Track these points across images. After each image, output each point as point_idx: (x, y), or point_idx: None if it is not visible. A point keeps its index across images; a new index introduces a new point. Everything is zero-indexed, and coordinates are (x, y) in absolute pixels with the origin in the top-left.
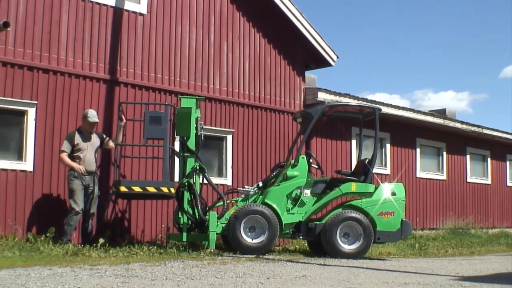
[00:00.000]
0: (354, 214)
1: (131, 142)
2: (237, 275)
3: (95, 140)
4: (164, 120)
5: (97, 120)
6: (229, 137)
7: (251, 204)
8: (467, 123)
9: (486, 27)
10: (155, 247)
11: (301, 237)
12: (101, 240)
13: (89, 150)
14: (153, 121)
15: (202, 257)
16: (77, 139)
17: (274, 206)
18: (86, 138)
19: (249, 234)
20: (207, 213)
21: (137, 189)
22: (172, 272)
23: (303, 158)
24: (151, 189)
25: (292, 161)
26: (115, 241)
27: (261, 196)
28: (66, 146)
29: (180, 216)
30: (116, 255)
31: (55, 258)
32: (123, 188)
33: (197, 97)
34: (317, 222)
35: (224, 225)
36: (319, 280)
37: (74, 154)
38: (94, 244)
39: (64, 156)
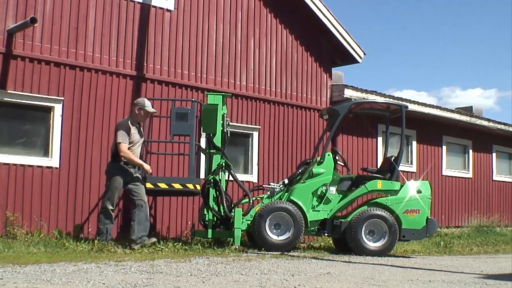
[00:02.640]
0: (379, 211)
1: (157, 139)
2: (261, 271)
3: (142, 132)
4: (191, 116)
5: (155, 110)
6: (255, 134)
7: (276, 201)
8: (493, 121)
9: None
10: (180, 244)
11: (326, 234)
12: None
13: (140, 144)
14: (180, 118)
15: (227, 253)
16: (132, 129)
17: (300, 203)
18: (138, 130)
19: (274, 231)
20: (233, 210)
21: (163, 185)
22: (197, 269)
23: (329, 155)
24: (177, 186)
25: (318, 158)
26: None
27: (286, 193)
28: (124, 137)
29: (205, 212)
30: (141, 251)
31: (80, 254)
32: (148, 185)
33: (223, 93)
34: (343, 220)
35: (249, 222)
36: (343, 277)
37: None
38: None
39: (125, 149)
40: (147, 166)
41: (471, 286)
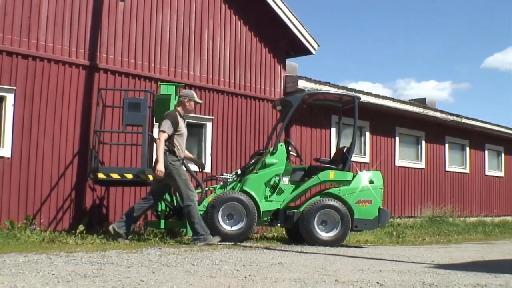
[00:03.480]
0: (331, 202)
1: (110, 129)
2: (213, 262)
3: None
4: (143, 106)
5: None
6: (209, 125)
7: (229, 191)
8: (446, 112)
9: (468, 17)
10: (133, 235)
11: (279, 224)
12: (81, 227)
13: (186, 137)
14: (132, 108)
15: (179, 244)
16: (181, 122)
17: (253, 193)
18: (184, 123)
19: (227, 221)
20: None
21: (115, 176)
22: (148, 259)
23: (282, 145)
24: (129, 176)
25: (271, 149)
26: (93, 228)
27: (239, 184)
28: (168, 127)
29: (158, 203)
30: (93, 242)
31: (32, 245)
32: (101, 175)
33: (176, 83)
34: (295, 210)
35: (202, 212)
36: (295, 267)
37: (174, 140)
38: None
39: (163, 140)
40: (160, 166)
41: (421, 276)
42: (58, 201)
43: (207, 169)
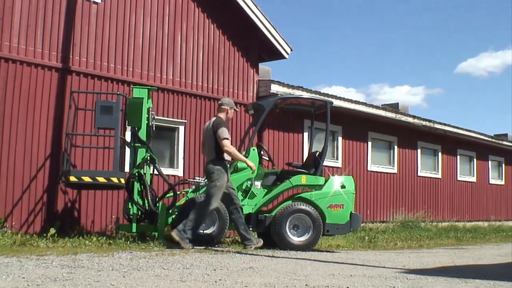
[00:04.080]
0: (303, 206)
1: (83, 132)
2: (184, 266)
3: None
4: (116, 110)
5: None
6: (181, 128)
7: (200, 196)
8: (418, 118)
9: (442, 22)
10: (104, 238)
11: (251, 229)
12: (52, 231)
13: None
14: (104, 111)
15: (151, 248)
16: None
17: None
18: None
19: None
20: (157, 204)
21: (87, 179)
22: (119, 263)
23: (254, 150)
24: (101, 180)
25: (243, 153)
26: (64, 231)
27: None
28: (228, 134)
29: (130, 206)
30: (64, 245)
31: (2, 248)
32: (72, 178)
33: (149, 87)
34: (267, 214)
35: (174, 215)
36: (266, 272)
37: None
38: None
39: (230, 145)
40: (251, 163)
41: (392, 281)
42: (30, 204)
43: (179, 172)
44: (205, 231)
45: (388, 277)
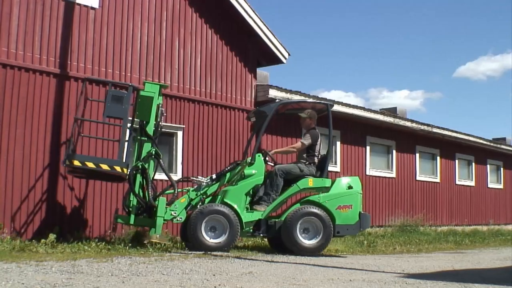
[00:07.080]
0: (313, 209)
1: (89, 127)
2: (183, 271)
3: None
4: (126, 100)
5: None
6: (180, 133)
7: (211, 204)
8: (417, 122)
9: (441, 26)
10: (103, 243)
11: (261, 234)
12: (51, 236)
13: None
14: (115, 100)
15: (150, 253)
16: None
17: (234, 205)
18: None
19: (210, 233)
20: (157, 199)
21: (90, 164)
22: (119, 269)
23: (259, 156)
24: (104, 167)
25: (249, 160)
26: (63, 237)
27: (219, 196)
28: (308, 141)
29: (130, 198)
30: (63, 251)
31: (1, 254)
32: (76, 162)
33: (161, 84)
34: (277, 219)
35: (172, 211)
36: (265, 277)
37: (315, 153)
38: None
39: (293, 149)
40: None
41: (391, 285)
42: (29, 209)
43: (178, 177)
44: (216, 240)
45: (387, 281)
